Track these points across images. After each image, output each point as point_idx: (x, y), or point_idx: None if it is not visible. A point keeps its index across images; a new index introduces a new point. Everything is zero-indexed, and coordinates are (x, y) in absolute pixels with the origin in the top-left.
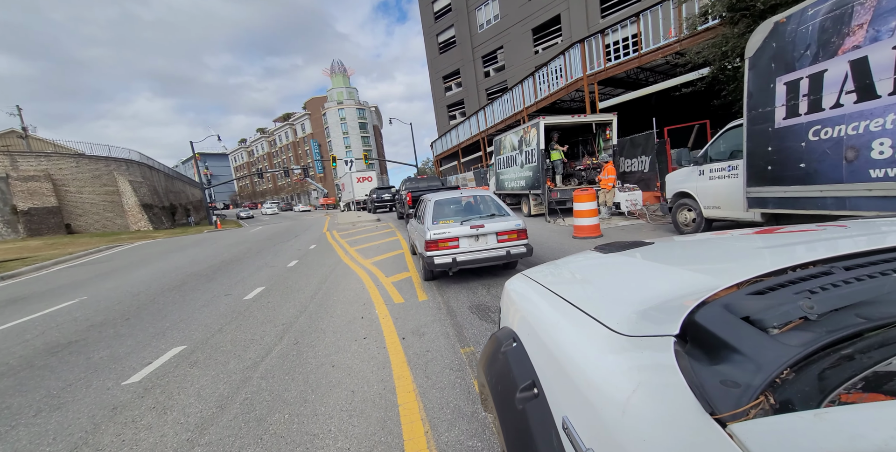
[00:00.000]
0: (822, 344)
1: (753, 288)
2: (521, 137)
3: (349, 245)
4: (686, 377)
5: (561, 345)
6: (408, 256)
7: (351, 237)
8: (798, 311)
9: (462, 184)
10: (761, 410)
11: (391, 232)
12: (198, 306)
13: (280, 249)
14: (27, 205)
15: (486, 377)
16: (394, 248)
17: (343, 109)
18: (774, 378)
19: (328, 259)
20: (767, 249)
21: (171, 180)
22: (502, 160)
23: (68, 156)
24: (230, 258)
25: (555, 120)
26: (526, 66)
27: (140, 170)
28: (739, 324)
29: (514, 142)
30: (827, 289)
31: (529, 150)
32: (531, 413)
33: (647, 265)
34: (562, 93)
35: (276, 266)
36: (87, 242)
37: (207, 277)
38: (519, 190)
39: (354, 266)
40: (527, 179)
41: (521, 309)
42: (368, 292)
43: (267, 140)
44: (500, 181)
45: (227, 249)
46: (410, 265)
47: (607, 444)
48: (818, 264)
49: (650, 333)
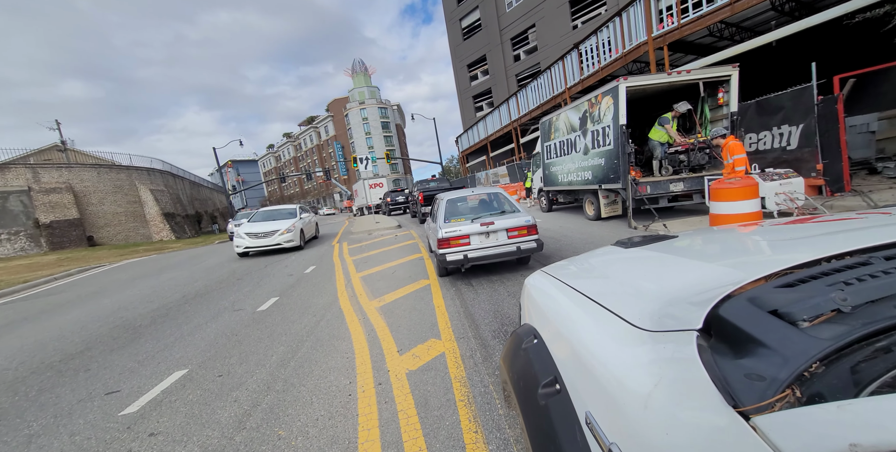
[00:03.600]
0: (856, 337)
1: (782, 281)
2: (586, 112)
3: (356, 267)
4: (709, 370)
5: (582, 341)
6: (436, 289)
7: (362, 252)
8: (830, 303)
9: (493, 180)
10: (787, 403)
11: (413, 244)
12: (47, 422)
13: (268, 273)
14: (49, 218)
15: (508, 373)
16: (417, 274)
17: (365, 109)
18: (802, 371)
19: (319, 296)
20: (799, 240)
21: (196, 188)
22: (553, 147)
23: (89, 167)
24: (197, 291)
25: (641, 81)
26: (562, 44)
27: (162, 178)
28: (765, 317)
29: (571, 122)
30: (864, 280)
31: (599, 129)
32: (554, 409)
33: (669, 259)
34: (617, 64)
35: (244, 309)
36: (99, 256)
37: (131, 334)
38: (580, 185)
39: (352, 316)
40: (594, 170)
41: (541, 305)
42: (357, 403)
43: (293, 144)
44: (550, 175)
45: (206, 273)
46: (442, 316)
47: (630, 438)
48: (855, 254)
49: (672, 328)
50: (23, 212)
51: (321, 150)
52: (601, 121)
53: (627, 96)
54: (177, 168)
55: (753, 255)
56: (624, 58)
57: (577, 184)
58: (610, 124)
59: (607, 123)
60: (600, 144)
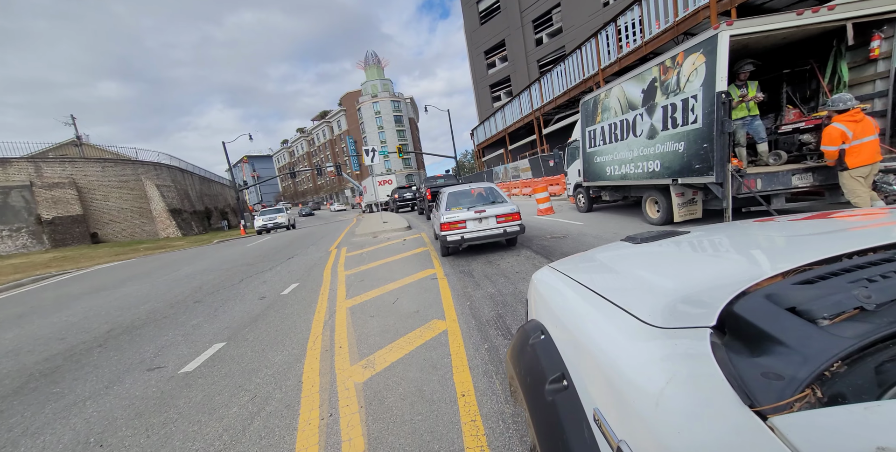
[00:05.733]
0: (881, 336)
1: (801, 278)
2: (654, 82)
3: (347, 289)
4: (723, 368)
5: (590, 337)
6: (457, 343)
7: (361, 264)
8: (853, 301)
9: (513, 175)
10: (807, 403)
11: (424, 253)
12: None
13: (239, 292)
14: (51, 215)
15: (514, 369)
16: (428, 306)
17: (378, 103)
18: (823, 371)
19: (281, 346)
20: (819, 235)
21: (206, 183)
22: (599, 132)
23: (93, 161)
24: (132, 322)
25: (753, 26)
26: (592, 24)
27: (170, 173)
28: (783, 315)
29: (628, 98)
30: (889, 278)
31: (678, 103)
32: (561, 405)
33: (681, 255)
34: (665, 37)
35: (164, 367)
36: (96, 256)
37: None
38: (641, 178)
39: (313, 403)
40: (665, 158)
41: (548, 301)
42: None
43: (306, 139)
44: (594, 166)
45: (167, 288)
46: (472, 420)
47: (640, 436)
48: (879, 251)
49: (684, 325)
50: (24, 208)
51: (334, 145)
52: (681, 90)
53: (735, 51)
54: (186, 162)
55: (770, 251)
56: (675, 28)
57: (636, 178)
58: (697, 93)
59: (692, 93)
60: (678, 123)
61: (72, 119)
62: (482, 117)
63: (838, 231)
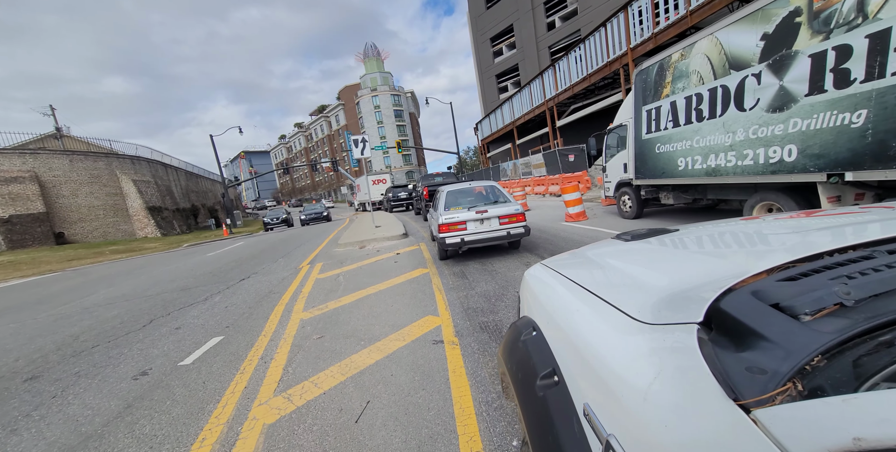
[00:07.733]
0: (859, 331)
1: (784, 275)
2: (798, 13)
3: (285, 373)
4: (709, 363)
5: (580, 333)
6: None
7: (333, 296)
8: (833, 297)
9: (524, 171)
10: (788, 396)
11: (424, 277)
12: None
13: (109, 361)
14: (8, 213)
15: (506, 365)
16: (429, 409)
17: (377, 96)
18: (804, 364)
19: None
20: (801, 234)
21: (193, 179)
22: (668, 110)
23: (59, 153)
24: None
25: None
26: (612, 3)
27: (150, 168)
28: (767, 311)
29: (731, 52)
30: (867, 274)
31: (864, 39)
32: (552, 401)
33: (669, 252)
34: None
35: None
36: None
37: None
38: (751, 173)
39: None
40: (808, 139)
41: (539, 297)
42: None
43: (304, 135)
44: (656, 158)
45: (29, 339)
46: None
47: (629, 430)
48: (858, 248)
49: (672, 321)
50: None
51: (332, 141)
52: (868, 18)
53: None
54: (169, 156)
55: (755, 248)
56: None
57: (741, 173)
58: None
59: (890, 23)
60: (855, 78)
61: (51, 109)
62: (487, 110)
63: (819, 229)
